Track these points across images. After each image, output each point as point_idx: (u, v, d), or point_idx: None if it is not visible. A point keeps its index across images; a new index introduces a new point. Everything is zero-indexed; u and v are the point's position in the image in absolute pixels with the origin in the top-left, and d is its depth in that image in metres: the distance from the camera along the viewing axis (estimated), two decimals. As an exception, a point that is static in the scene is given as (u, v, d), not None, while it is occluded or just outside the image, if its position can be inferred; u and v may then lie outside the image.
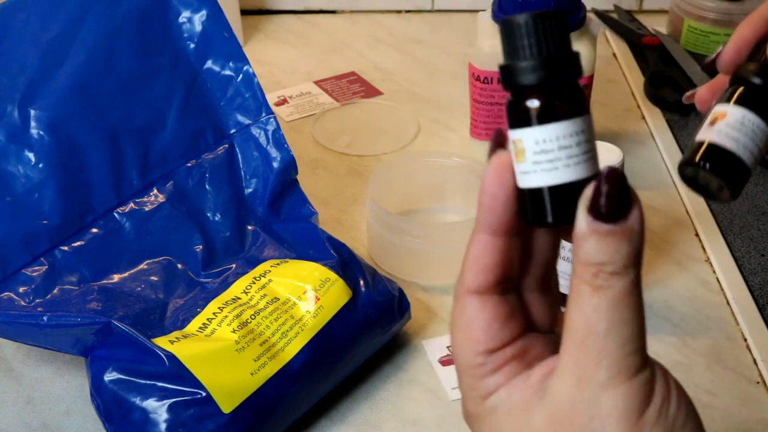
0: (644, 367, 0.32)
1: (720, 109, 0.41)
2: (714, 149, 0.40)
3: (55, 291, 0.61)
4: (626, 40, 1.06)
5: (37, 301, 0.60)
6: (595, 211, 0.31)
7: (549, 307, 0.36)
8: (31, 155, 0.62)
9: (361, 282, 0.63)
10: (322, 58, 1.04)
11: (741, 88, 0.41)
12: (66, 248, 0.62)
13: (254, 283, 0.62)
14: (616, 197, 0.31)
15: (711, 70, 0.46)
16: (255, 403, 0.56)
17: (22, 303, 0.59)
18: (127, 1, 0.67)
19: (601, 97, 0.95)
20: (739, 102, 0.41)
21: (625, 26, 1.07)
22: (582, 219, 0.31)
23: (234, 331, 0.58)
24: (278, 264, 0.63)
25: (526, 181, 0.32)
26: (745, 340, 0.68)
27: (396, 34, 1.10)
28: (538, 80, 0.32)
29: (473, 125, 0.82)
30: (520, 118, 0.32)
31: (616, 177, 0.31)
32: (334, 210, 0.80)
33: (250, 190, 0.69)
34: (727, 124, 0.40)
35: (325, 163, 0.87)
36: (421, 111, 0.94)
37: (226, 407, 0.55)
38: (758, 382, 0.64)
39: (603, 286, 0.31)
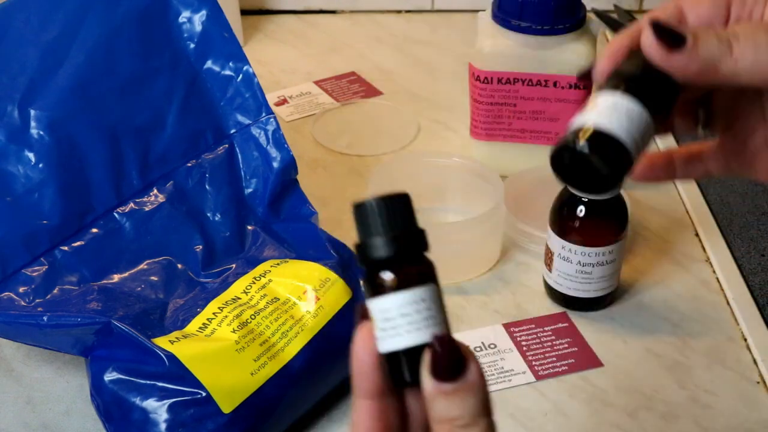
0: None
1: (602, 97, 0.39)
2: (598, 134, 0.38)
3: (55, 291, 0.61)
4: (626, 40, 1.06)
5: (37, 301, 0.60)
6: (434, 374, 0.34)
7: None
8: (31, 155, 0.62)
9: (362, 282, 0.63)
10: (322, 58, 1.04)
11: (624, 79, 0.39)
12: (66, 248, 0.62)
13: (254, 283, 0.62)
14: (449, 359, 0.34)
15: (586, 80, 0.44)
16: (255, 403, 0.56)
17: (22, 303, 0.59)
18: (127, 1, 0.67)
19: (601, 97, 0.94)
20: (626, 90, 0.39)
21: (625, 26, 1.07)
22: (426, 381, 0.34)
23: (234, 331, 0.58)
24: (278, 264, 0.63)
25: (380, 347, 0.36)
26: (745, 340, 0.68)
27: (396, 34, 1.10)
28: (379, 256, 0.35)
29: (473, 125, 0.82)
30: (369, 289, 0.36)
31: (446, 341, 0.34)
32: (334, 210, 0.80)
33: (250, 190, 0.69)
34: (610, 110, 0.38)
35: (325, 163, 0.87)
36: (421, 111, 0.94)
37: (226, 407, 0.55)
38: (758, 382, 0.64)
39: None
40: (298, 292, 0.61)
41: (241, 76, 0.70)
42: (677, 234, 0.78)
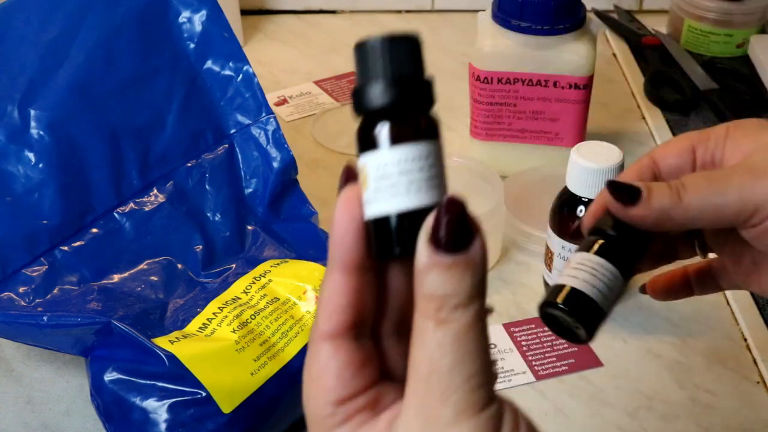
0: (491, 403, 0.31)
1: (578, 257, 0.43)
2: (573, 293, 0.41)
3: (55, 291, 0.61)
4: (626, 40, 1.06)
5: (37, 301, 0.60)
6: (435, 242, 0.30)
7: (405, 355, 0.33)
8: (31, 155, 0.62)
9: (361, 282, 0.63)
10: (322, 58, 1.04)
11: (598, 239, 0.43)
12: (66, 248, 0.62)
13: (254, 283, 0.62)
14: (456, 228, 0.30)
15: (577, 238, 0.48)
16: (255, 403, 0.56)
17: (22, 303, 0.59)
18: (127, 1, 0.67)
19: (601, 97, 0.95)
20: (597, 252, 0.43)
21: (625, 26, 1.07)
22: (423, 250, 0.30)
23: (234, 331, 0.58)
24: (278, 264, 0.63)
25: (369, 210, 0.32)
26: (745, 340, 0.68)
27: (396, 34, 1.09)
28: (380, 104, 0.31)
29: (473, 125, 0.82)
30: (363, 143, 0.31)
31: (457, 206, 0.30)
32: (334, 210, 0.80)
33: (250, 190, 0.69)
34: (583, 271, 0.42)
35: (325, 163, 0.87)
36: (421, 111, 0.94)
37: (226, 407, 0.55)
38: (758, 382, 0.64)
39: (446, 320, 0.30)
40: (298, 292, 0.61)
41: (241, 76, 0.70)
42: (677, 234, 0.78)
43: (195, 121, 0.69)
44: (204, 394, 0.54)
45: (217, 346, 0.57)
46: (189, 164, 0.68)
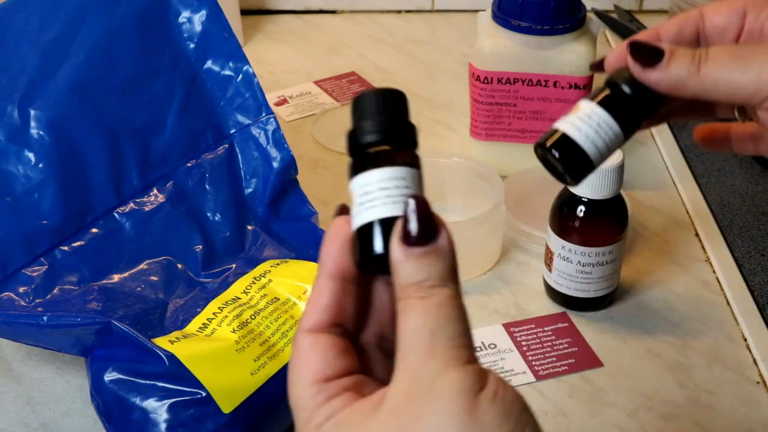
0: (475, 361, 0.33)
1: (585, 105, 0.44)
2: (564, 140, 0.44)
3: (55, 291, 0.61)
4: (626, 40, 1.06)
5: (37, 301, 0.60)
6: (406, 238, 0.34)
7: (388, 367, 0.35)
8: (31, 155, 0.62)
9: (361, 282, 0.63)
10: (322, 58, 1.04)
11: (606, 90, 0.45)
12: (66, 248, 0.62)
13: (254, 283, 0.62)
14: (422, 222, 0.34)
15: (597, 70, 0.49)
16: (255, 402, 0.56)
17: (22, 303, 0.59)
18: (127, 1, 0.67)
19: (601, 97, 0.94)
20: (604, 104, 0.44)
21: (625, 26, 1.07)
22: (396, 248, 0.34)
23: (234, 331, 0.58)
24: (278, 264, 0.63)
25: (355, 223, 0.36)
26: (745, 340, 0.68)
27: (396, 34, 1.09)
28: (369, 138, 0.37)
29: (473, 125, 0.82)
30: (353, 171, 0.37)
31: (421, 204, 0.34)
32: (334, 210, 0.80)
33: (250, 190, 0.69)
34: (584, 122, 0.44)
35: (325, 163, 0.87)
36: (421, 111, 0.94)
37: (226, 407, 0.55)
38: (758, 382, 0.64)
39: (426, 296, 0.33)
40: (298, 292, 0.61)
41: (241, 76, 0.70)
42: (677, 234, 0.78)
43: (195, 121, 0.69)
44: (204, 394, 0.54)
45: (217, 346, 0.57)
46: (189, 164, 0.68)
